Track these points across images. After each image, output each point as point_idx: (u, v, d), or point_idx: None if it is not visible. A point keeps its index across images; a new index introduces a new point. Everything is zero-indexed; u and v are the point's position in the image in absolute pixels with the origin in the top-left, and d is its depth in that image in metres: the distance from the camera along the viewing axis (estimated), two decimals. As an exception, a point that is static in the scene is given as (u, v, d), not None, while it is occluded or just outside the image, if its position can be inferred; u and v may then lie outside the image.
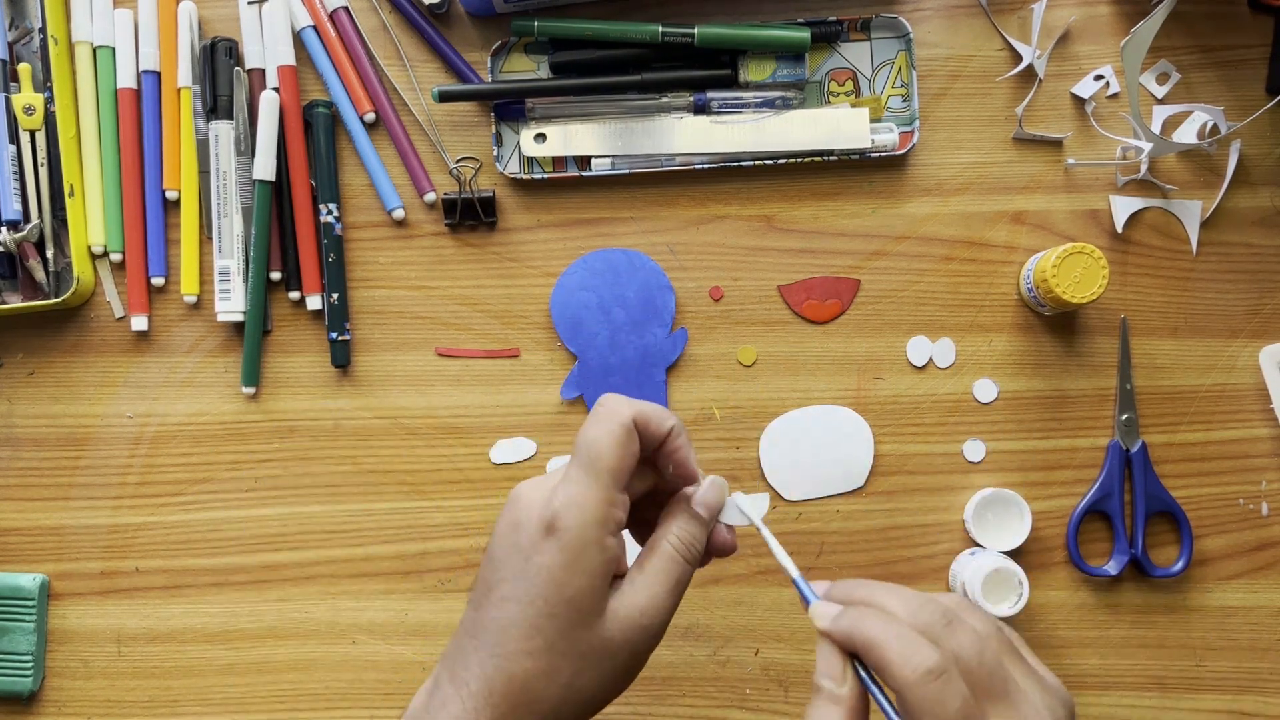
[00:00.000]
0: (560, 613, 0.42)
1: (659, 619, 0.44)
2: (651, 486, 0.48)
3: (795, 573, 0.45)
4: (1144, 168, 0.63)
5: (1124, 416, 0.63)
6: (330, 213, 0.64)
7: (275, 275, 0.65)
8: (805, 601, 0.44)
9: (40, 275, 0.64)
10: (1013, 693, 0.39)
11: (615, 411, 0.44)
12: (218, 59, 0.64)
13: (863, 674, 0.41)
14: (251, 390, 0.65)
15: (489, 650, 0.43)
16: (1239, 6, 0.64)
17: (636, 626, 0.43)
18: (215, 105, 0.64)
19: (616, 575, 0.44)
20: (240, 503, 0.65)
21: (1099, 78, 0.64)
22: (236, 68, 0.64)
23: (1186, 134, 0.64)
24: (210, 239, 0.65)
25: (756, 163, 0.64)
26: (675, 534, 0.45)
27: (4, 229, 0.63)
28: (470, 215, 0.65)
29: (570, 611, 0.42)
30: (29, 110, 0.64)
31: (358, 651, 0.64)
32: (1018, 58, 0.64)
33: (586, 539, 0.42)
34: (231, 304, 0.64)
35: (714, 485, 0.47)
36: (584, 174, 0.65)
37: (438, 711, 0.43)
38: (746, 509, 0.47)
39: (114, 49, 0.65)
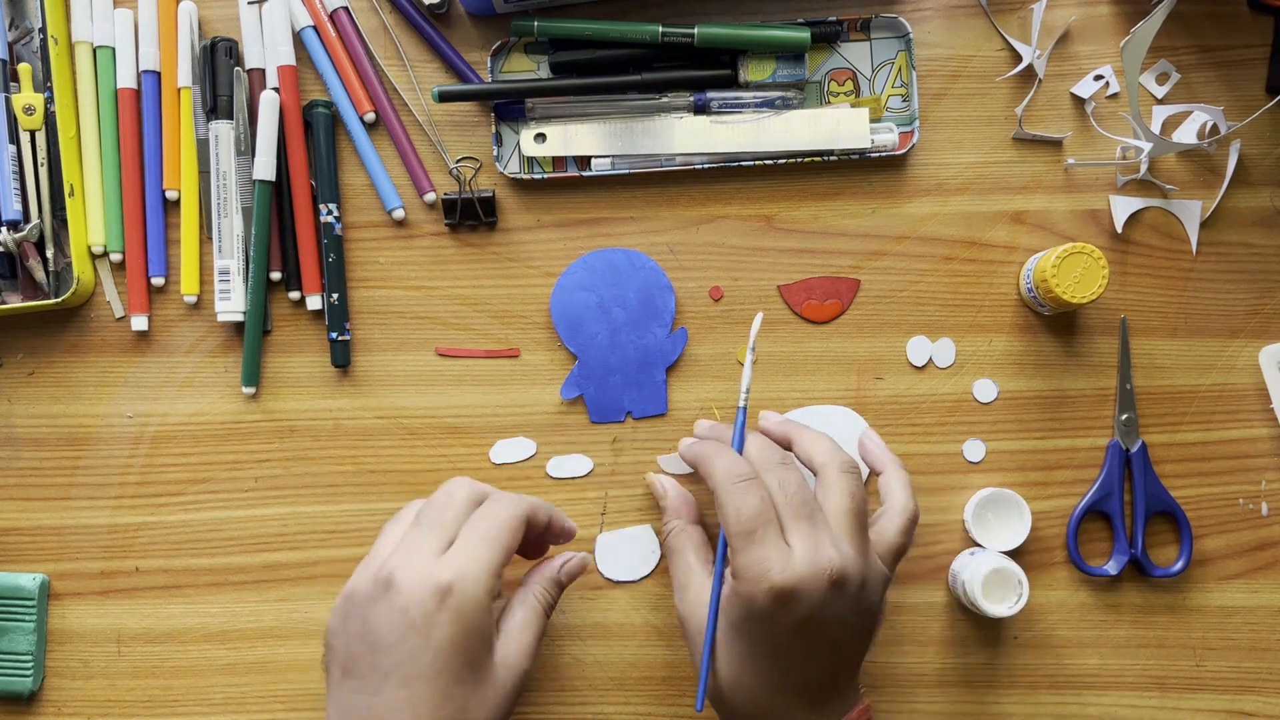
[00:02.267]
0: (466, 676, 0.48)
1: (531, 663, 0.52)
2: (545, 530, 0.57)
3: (742, 400, 0.56)
4: (1144, 168, 0.63)
5: (1124, 416, 0.63)
6: (330, 213, 0.64)
7: (275, 275, 0.65)
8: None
9: (40, 275, 0.64)
10: (818, 523, 0.50)
11: (516, 503, 0.53)
12: (218, 59, 0.64)
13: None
14: (251, 390, 0.65)
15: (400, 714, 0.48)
16: (1239, 6, 0.64)
17: (518, 671, 0.51)
18: (215, 105, 0.64)
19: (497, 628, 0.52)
20: (240, 503, 0.65)
21: (1099, 78, 0.64)
22: (236, 68, 0.64)
23: (1186, 134, 0.64)
24: (210, 239, 0.65)
25: (756, 163, 0.64)
26: (542, 594, 0.55)
27: (4, 229, 0.63)
28: (470, 215, 0.65)
29: (473, 673, 0.48)
30: (29, 110, 0.64)
31: (358, 651, 0.64)
32: (1018, 58, 0.64)
33: (479, 606, 0.48)
34: (231, 304, 0.64)
35: (582, 562, 0.57)
36: (584, 174, 0.65)
37: None
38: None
39: (114, 49, 0.65)
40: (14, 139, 0.64)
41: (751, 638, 0.50)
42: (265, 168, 0.63)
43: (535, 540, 0.58)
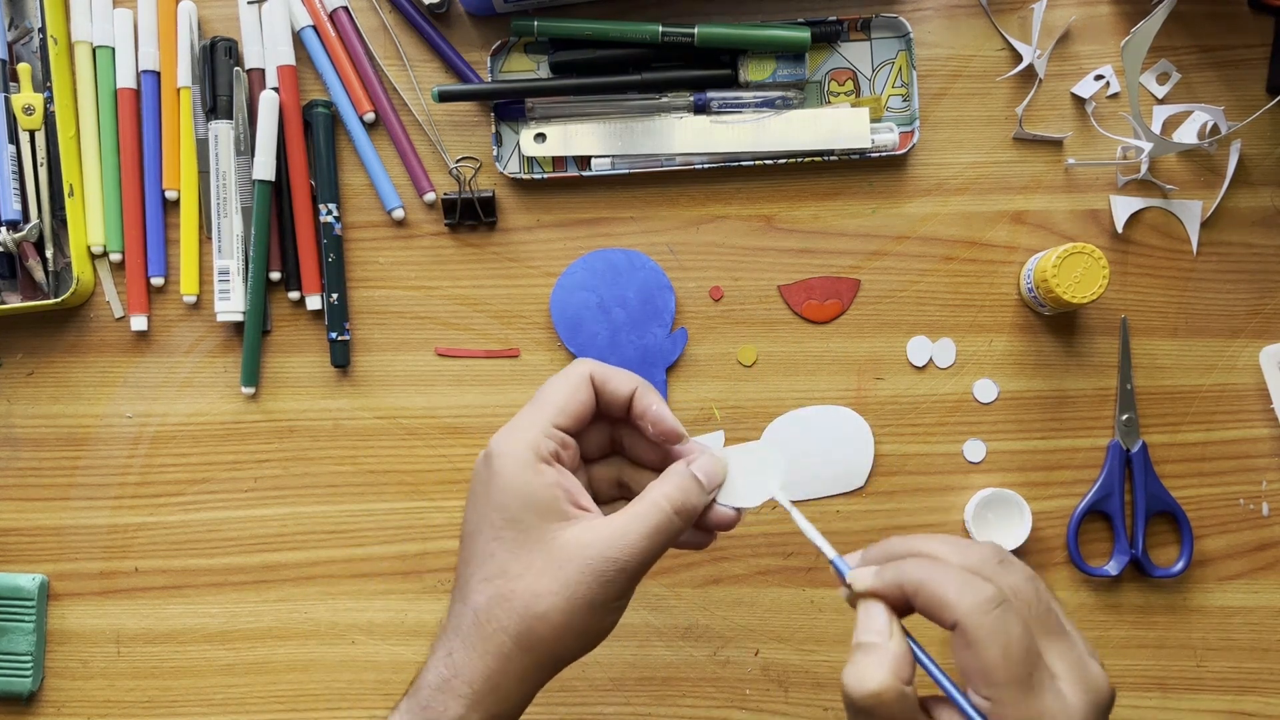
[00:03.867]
0: (506, 534, 0.44)
1: (628, 555, 0.43)
2: (609, 442, 0.50)
3: (829, 550, 0.43)
4: (1144, 168, 0.63)
5: (1124, 416, 0.63)
6: (330, 213, 0.64)
7: (275, 275, 0.65)
8: (840, 574, 0.42)
9: (40, 275, 0.64)
10: (1066, 630, 0.39)
11: (574, 367, 0.47)
12: (217, 59, 0.64)
13: (914, 647, 0.39)
14: (251, 390, 0.65)
15: (457, 590, 0.45)
16: (1239, 6, 0.64)
17: (601, 556, 0.43)
18: (215, 105, 0.64)
19: (582, 507, 0.45)
20: (240, 503, 0.65)
21: (1099, 78, 0.64)
22: (236, 68, 0.64)
23: (1186, 134, 0.64)
24: (210, 239, 0.65)
25: (756, 163, 0.64)
26: (667, 486, 0.45)
27: (4, 229, 0.63)
28: (470, 215, 0.65)
29: (514, 531, 0.44)
30: (29, 110, 0.64)
31: (357, 652, 0.64)
32: (1018, 58, 0.64)
33: (518, 459, 0.44)
34: (231, 304, 0.64)
35: (713, 458, 0.47)
36: (584, 174, 0.64)
37: (428, 667, 0.45)
38: (774, 489, 0.46)
39: (114, 49, 0.65)
40: (14, 139, 0.64)
41: None
42: (265, 168, 0.63)
43: (631, 438, 0.49)
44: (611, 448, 0.51)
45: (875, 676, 0.38)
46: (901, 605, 0.40)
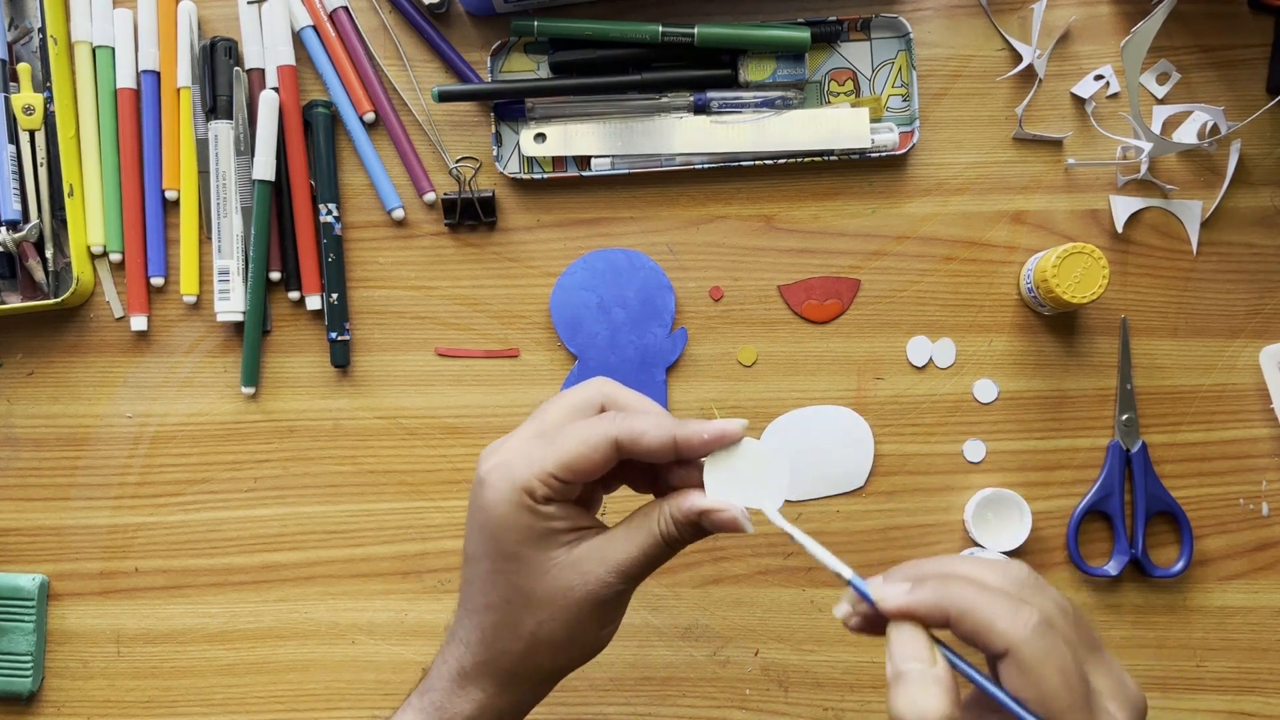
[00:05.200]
0: (506, 568, 0.44)
1: (624, 581, 0.43)
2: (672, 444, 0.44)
3: (846, 571, 0.41)
4: (1144, 168, 0.63)
5: (1124, 416, 0.63)
6: (330, 213, 0.64)
7: (275, 275, 0.65)
8: (863, 595, 0.40)
9: (40, 275, 0.64)
10: (1101, 647, 0.38)
11: (601, 425, 0.43)
12: (217, 59, 0.64)
13: (949, 654, 0.38)
14: (251, 390, 0.65)
15: (465, 605, 0.46)
16: (1239, 6, 0.64)
17: (601, 582, 0.43)
18: (215, 105, 0.64)
19: (579, 529, 0.44)
20: (240, 503, 0.65)
21: (1099, 78, 0.64)
22: (236, 68, 0.64)
23: (1186, 134, 0.64)
24: (210, 239, 0.65)
25: (756, 163, 0.64)
26: (668, 522, 0.43)
27: (4, 229, 0.63)
28: (470, 215, 0.65)
29: (513, 565, 0.44)
30: (28, 110, 0.64)
31: (357, 651, 0.64)
32: (1018, 58, 0.64)
33: (509, 501, 0.43)
34: (231, 304, 0.64)
35: (731, 517, 0.43)
36: (584, 174, 0.64)
37: (438, 667, 0.46)
38: (782, 524, 0.43)
39: (114, 49, 0.65)
40: (14, 139, 0.64)
41: None
42: (265, 168, 0.63)
43: (668, 467, 0.45)
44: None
45: (933, 707, 0.36)
46: (934, 627, 0.39)
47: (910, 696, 0.37)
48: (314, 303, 0.65)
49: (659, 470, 0.46)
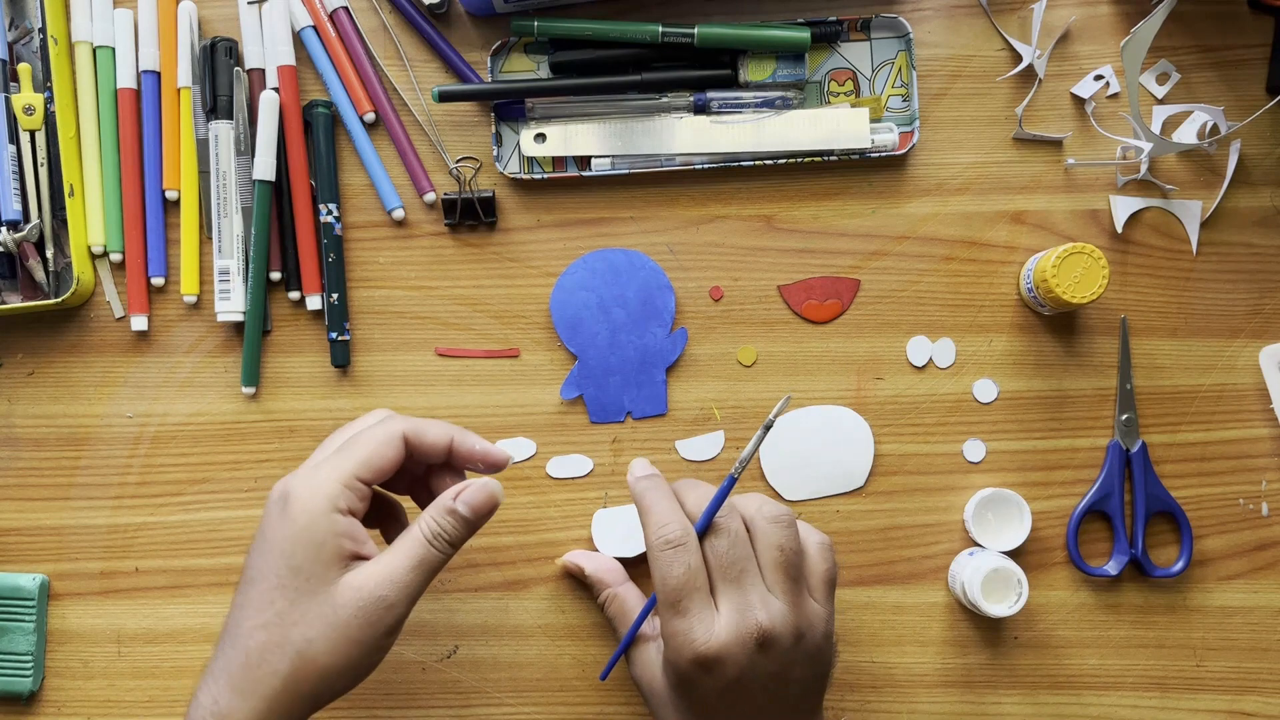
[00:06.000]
0: (289, 583, 0.46)
1: (395, 593, 0.47)
2: (447, 449, 0.52)
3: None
4: (1144, 168, 0.63)
5: (1124, 416, 0.63)
6: (330, 213, 0.64)
7: (275, 275, 0.65)
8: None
9: (40, 275, 0.64)
10: (746, 583, 0.48)
11: (387, 423, 0.50)
12: (218, 59, 0.64)
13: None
14: (251, 390, 0.65)
15: (230, 633, 0.48)
16: (1239, 6, 0.64)
17: (372, 597, 0.47)
18: (215, 105, 0.64)
19: (362, 557, 0.48)
20: (240, 503, 0.65)
21: (1099, 78, 0.64)
22: (236, 68, 0.64)
23: (1186, 134, 0.64)
24: (210, 239, 0.65)
25: (756, 163, 0.64)
26: (429, 520, 0.49)
27: (4, 229, 0.63)
28: (470, 215, 0.65)
29: (298, 580, 0.46)
30: (29, 110, 0.64)
31: (358, 651, 0.64)
32: (1018, 58, 0.64)
33: (313, 510, 0.46)
34: (231, 304, 0.64)
35: (483, 489, 0.50)
36: (584, 174, 0.65)
37: (191, 708, 0.47)
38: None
39: (114, 49, 0.65)
40: (14, 139, 0.64)
41: (688, 699, 0.50)
42: (265, 168, 0.63)
43: (439, 469, 0.54)
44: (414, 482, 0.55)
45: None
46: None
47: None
48: (314, 303, 0.65)
49: (431, 485, 0.54)
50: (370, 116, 0.65)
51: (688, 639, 0.47)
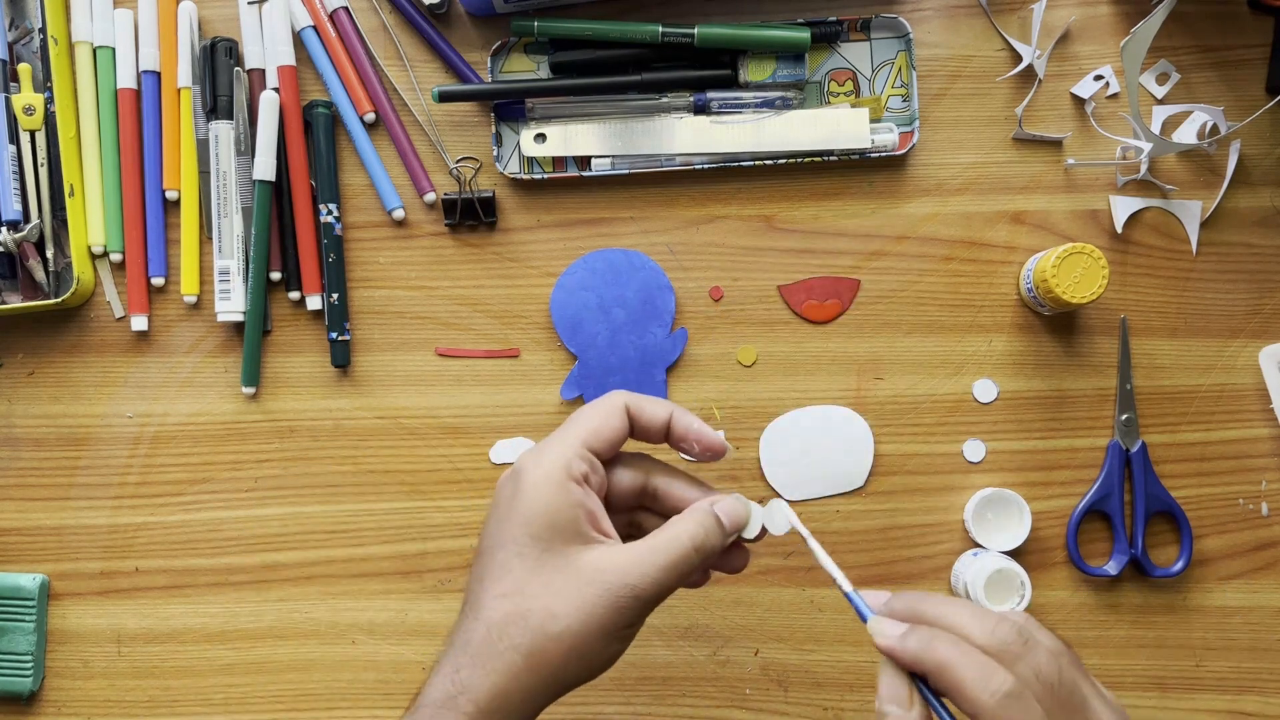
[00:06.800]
0: (528, 552, 0.44)
1: (647, 586, 0.44)
2: (642, 486, 0.49)
3: (847, 585, 0.45)
4: (1144, 168, 0.63)
5: (1124, 416, 0.63)
6: (330, 213, 0.64)
7: (275, 275, 0.65)
8: (861, 617, 0.43)
9: (40, 275, 0.64)
10: (1088, 711, 0.40)
11: (608, 396, 0.48)
12: (218, 59, 0.64)
13: (929, 696, 0.41)
14: (251, 390, 0.65)
15: (469, 605, 0.45)
16: (1239, 6, 0.64)
17: (622, 584, 0.43)
18: (215, 105, 0.64)
19: (604, 533, 0.45)
20: (240, 503, 0.65)
21: (1099, 78, 0.64)
22: (236, 68, 0.64)
23: (1186, 134, 0.64)
24: (210, 239, 0.65)
25: (756, 163, 0.64)
26: (691, 522, 0.46)
27: (4, 229, 0.63)
28: (470, 215, 0.65)
29: (537, 551, 0.44)
30: (29, 110, 0.64)
31: (357, 651, 0.64)
32: (1018, 58, 0.64)
33: (549, 479, 0.44)
34: (231, 304, 0.64)
35: (738, 501, 0.47)
36: (584, 174, 0.65)
37: (431, 678, 0.44)
38: (793, 518, 0.48)
39: (114, 49, 0.65)
40: (14, 139, 0.64)
41: None
42: (265, 168, 0.63)
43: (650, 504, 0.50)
44: (637, 501, 0.50)
45: None
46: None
47: None
48: (314, 303, 0.65)
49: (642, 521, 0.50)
50: (370, 116, 0.65)
51: None
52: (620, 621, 0.44)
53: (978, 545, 0.62)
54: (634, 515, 0.51)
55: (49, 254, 0.64)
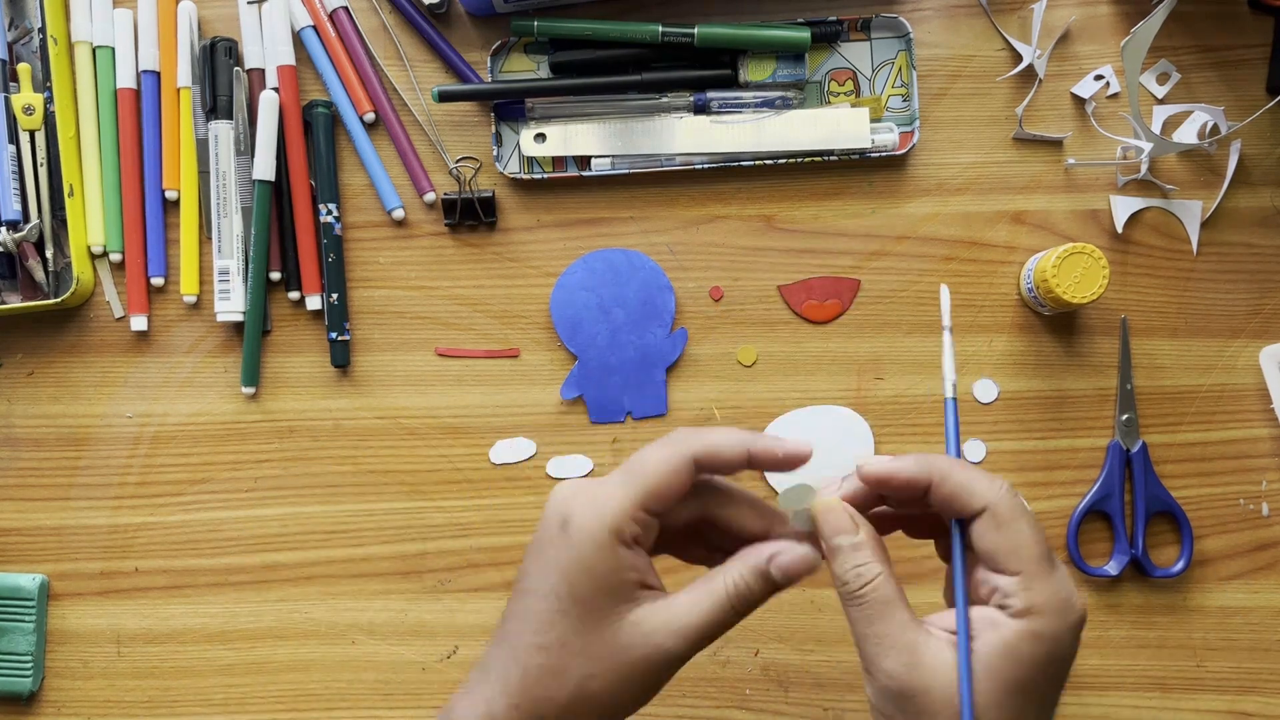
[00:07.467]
0: (572, 611, 0.42)
1: (682, 648, 0.43)
2: (699, 518, 0.46)
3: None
4: (1144, 168, 0.63)
5: (1124, 417, 0.63)
6: (330, 213, 0.64)
7: (275, 275, 0.65)
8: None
9: (40, 275, 0.64)
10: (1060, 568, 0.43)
11: (680, 440, 0.44)
12: (217, 59, 0.64)
13: (958, 534, 0.44)
14: (251, 390, 0.65)
15: (509, 640, 0.43)
16: (1239, 6, 0.64)
17: (659, 647, 0.42)
18: (215, 105, 0.64)
19: (649, 587, 0.44)
20: (240, 503, 0.65)
21: (1099, 78, 0.64)
22: (236, 68, 0.64)
23: (1186, 134, 0.64)
24: (210, 239, 0.65)
25: (756, 163, 0.64)
26: (736, 577, 0.44)
27: (4, 229, 0.63)
28: (470, 215, 0.65)
29: (581, 611, 0.42)
30: (29, 110, 0.64)
31: (357, 651, 0.64)
32: (1018, 58, 0.64)
33: (597, 542, 0.42)
34: (231, 304, 0.64)
35: (804, 558, 0.44)
36: (584, 174, 0.65)
37: (461, 698, 0.44)
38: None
39: (114, 49, 0.65)
40: (14, 139, 0.64)
41: (1038, 691, 0.41)
42: (265, 168, 0.63)
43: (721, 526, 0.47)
44: (694, 530, 0.48)
45: (867, 563, 0.43)
46: (913, 493, 0.44)
47: (844, 562, 0.43)
48: (314, 303, 0.65)
49: (723, 543, 0.47)
50: (370, 116, 0.65)
51: (1069, 595, 0.41)
52: (658, 680, 0.44)
53: (978, 545, 0.62)
54: (690, 542, 0.48)
55: (48, 254, 0.64)
